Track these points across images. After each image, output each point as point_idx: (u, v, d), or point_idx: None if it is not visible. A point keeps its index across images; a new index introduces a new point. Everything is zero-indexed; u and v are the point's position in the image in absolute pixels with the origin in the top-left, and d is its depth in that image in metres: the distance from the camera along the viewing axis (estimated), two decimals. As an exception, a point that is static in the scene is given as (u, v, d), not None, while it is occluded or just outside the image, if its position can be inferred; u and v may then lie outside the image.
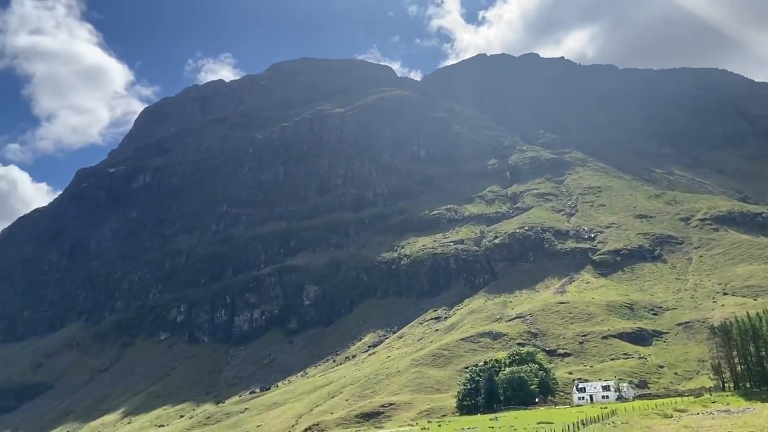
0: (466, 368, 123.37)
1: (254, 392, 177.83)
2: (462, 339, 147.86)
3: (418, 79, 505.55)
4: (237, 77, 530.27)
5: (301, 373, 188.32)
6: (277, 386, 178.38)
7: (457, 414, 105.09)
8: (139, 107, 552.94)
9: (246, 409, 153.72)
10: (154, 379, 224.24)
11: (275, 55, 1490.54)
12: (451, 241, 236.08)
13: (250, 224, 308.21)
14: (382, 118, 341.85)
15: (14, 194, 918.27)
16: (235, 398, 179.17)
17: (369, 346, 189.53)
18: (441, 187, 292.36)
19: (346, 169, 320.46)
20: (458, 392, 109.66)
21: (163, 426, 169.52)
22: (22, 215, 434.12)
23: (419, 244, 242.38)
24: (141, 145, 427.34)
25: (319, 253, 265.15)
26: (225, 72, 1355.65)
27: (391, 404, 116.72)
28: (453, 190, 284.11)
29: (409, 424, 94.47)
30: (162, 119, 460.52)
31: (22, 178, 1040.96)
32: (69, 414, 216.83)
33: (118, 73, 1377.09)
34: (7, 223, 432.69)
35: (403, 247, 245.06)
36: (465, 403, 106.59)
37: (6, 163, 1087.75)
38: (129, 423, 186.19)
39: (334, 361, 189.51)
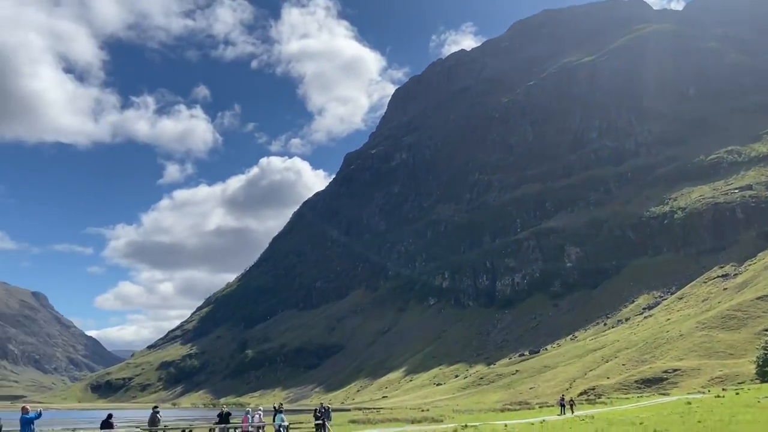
0: (766, 330, 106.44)
1: (523, 355, 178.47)
2: (758, 298, 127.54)
3: (680, 9, 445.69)
4: (479, 44, 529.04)
5: (570, 336, 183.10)
6: (546, 349, 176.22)
7: (758, 381, 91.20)
8: (391, 89, 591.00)
9: (517, 371, 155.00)
10: (428, 340, 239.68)
11: (515, 14, 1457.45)
12: (736, 188, 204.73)
13: (504, 189, 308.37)
14: (639, 60, 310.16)
15: (300, 181, 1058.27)
16: (505, 360, 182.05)
17: (643, 309, 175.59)
18: (718, 128, 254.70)
19: (600, 121, 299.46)
20: (757, 357, 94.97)
21: (441, 384, 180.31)
22: (306, 199, 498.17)
23: (696, 195, 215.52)
24: (395, 125, 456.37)
25: (578, 213, 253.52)
26: (467, 41, 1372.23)
27: (675, 370, 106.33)
28: (733, 130, 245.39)
29: (699, 391, 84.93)
30: (411, 98, 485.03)
31: (304, 167, 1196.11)
32: (360, 371, 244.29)
33: (372, 61, 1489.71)
34: (296, 207, 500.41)
35: (675, 200, 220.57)
36: (767, 369, 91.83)
37: (291, 155, 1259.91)
38: (411, 381, 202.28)
39: (604, 324, 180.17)
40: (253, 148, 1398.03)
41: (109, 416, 25.88)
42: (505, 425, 40.56)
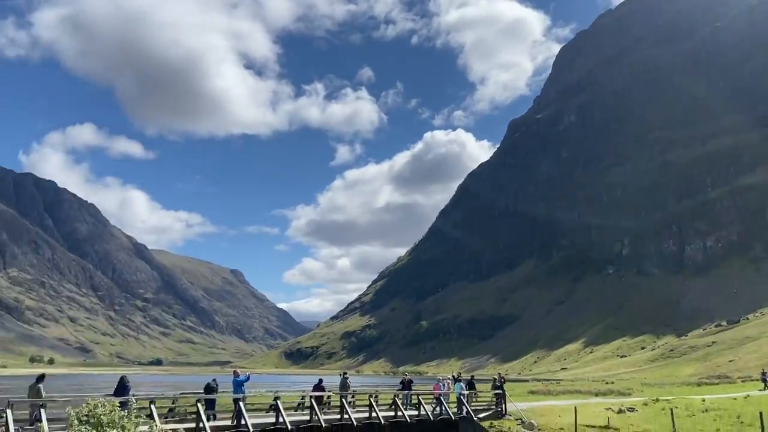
0: None
1: (720, 325, 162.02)
2: None
3: None
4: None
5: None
6: (747, 319, 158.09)
7: None
8: (556, 49, 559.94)
9: (713, 342, 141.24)
10: (608, 311, 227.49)
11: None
12: None
13: (689, 145, 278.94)
14: None
15: (464, 153, 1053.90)
16: (698, 331, 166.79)
17: None
18: None
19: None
20: None
21: (625, 356, 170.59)
22: (471, 171, 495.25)
23: None
24: (561, 86, 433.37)
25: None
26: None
27: None
28: None
29: None
30: (578, 55, 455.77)
31: (467, 138, 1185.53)
32: (536, 342, 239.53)
33: (535, 21, 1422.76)
34: (461, 179, 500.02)
35: None
36: None
37: (454, 128, 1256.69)
38: (591, 353, 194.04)
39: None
40: (417, 124, 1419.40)
41: (320, 381, 28.31)
42: (703, 400, 37.03)
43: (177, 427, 10.83)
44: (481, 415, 30.63)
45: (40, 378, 20.07)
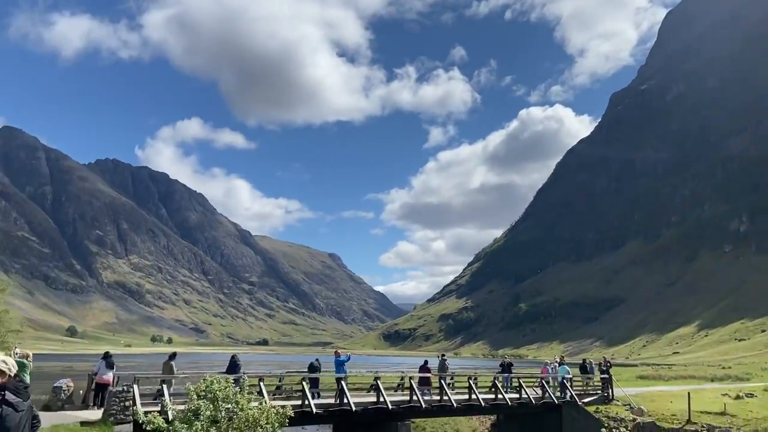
0: None
1: None
2: None
3: None
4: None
5: None
6: None
7: None
8: (662, 14, 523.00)
9: None
10: (724, 292, 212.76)
11: None
12: None
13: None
14: None
15: (562, 130, 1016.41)
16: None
17: None
18: None
19: None
20: None
21: (743, 340, 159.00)
22: (570, 147, 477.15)
23: None
24: (668, 53, 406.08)
25: None
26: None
27: None
28: None
29: None
30: (688, 19, 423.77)
31: (566, 114, 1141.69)
32: (645, 325, 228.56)
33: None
34: (559, 157, 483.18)
35: None
36: None
37: (552, 104, 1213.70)
38: (705, 336, 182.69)
39: None
40: (512, 102, 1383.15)
41: (425, 362, 28.73)
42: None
43: (284, 404, 11.36)
44: (586, 400, 29.71)
45: (173, 356, 22.05)
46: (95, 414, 17.21)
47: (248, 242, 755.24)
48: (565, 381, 29.98)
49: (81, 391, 20.13)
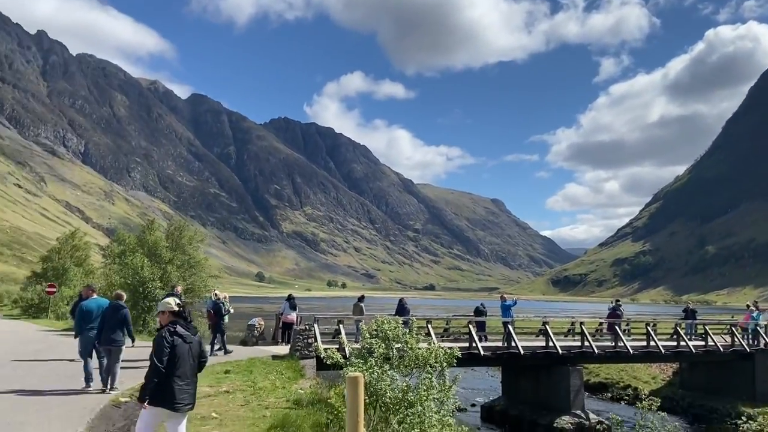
0: None
1: None
2: None
3: None
4: None
5: None
6: None
7: None
8: None
9: None
10: None
11: None
12: None
13: None
14: None
15: (758, 50, 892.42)
16: None
17: None
18: None
19: None
20: None
21: None
22: (766, 69, 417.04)
23: None
24: None
25: None
26: None
27: None
28: None
29: None
30: None
31: (762, 31, 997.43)
32: None
33: None
34: (753, 81, 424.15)
35: None
36: None
37: (744, 21, 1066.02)
38: None
39: None
40: (696, 22, 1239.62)
41: (614, 307, 27.79)
42: None
43: (452, 345, 11.71)
44: (784, 349, 26.76)
45: (361, 298, 24.10)
46: (283, 349, 19.19)
47: (411, 191, 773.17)
48: (758, 328, 27.27)
49: (270, 329, 22.53)
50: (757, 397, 24.53)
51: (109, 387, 11.04)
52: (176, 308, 6.07)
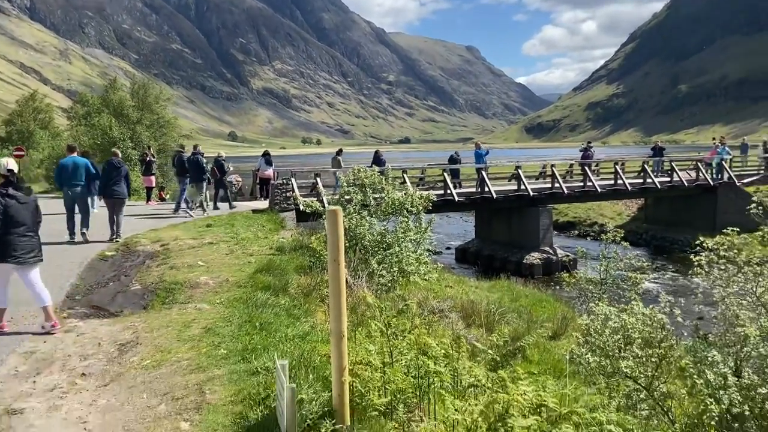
0: None
1: None
2: None
3: None
4: None
5: None
6: None
7: None
8: None
9: None
10: None
11: None
12: None
13: None
14: None
15: None
16: None
17: None
18: None
19: None
20: None
21: None
22: None
23: None
24: None
25: None
26: None
27: None
28: None
29: None
30: None
31: None
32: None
33: None
34: None
35: None
36: None
37: None
38: None
39: None
40: None
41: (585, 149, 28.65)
42: None
43: (428, 193, 12.03)
44: (745, 181, 28.02)
45: (339, 152, 24.37)
46: (263, 204, 19.61)
47: (383, 41, 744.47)
48: (723, 163, 28.28)
49: (246, 187, 22.82)
50: (717, 228, 25.83)
51: (115, 236, 11.88)
52: (5, 172, 6.16)
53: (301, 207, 16.22)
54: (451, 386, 4.26)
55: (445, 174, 22.90)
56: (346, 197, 11.19)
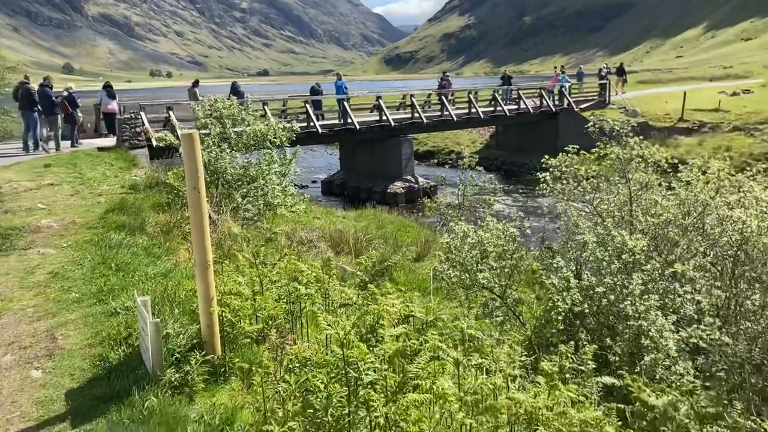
0: None
1: None
2: None
3: None
4: None
5: None
6: None
7: None
8: None
9: None
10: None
11: None
12: None
13: None
14: None
15: None
16: None
17: None
18: None
19: None
20: None
21: (750, 39, 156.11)
22: None
23: None
24: None
25: None
26: None
27: None
28: None
29: None
30: None
31: None
32: (651, 30, 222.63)
33: None
34: None
35: None
36: None
37: None
38: (712, 38, 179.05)
39: None
40: None
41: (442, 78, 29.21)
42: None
43: (291, 124, 11.76)
44: (582, 106, 30.54)
45: (196, 83, 23.35)
46: (110, 141, 18.03)
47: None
48: (563, 90, 30.49)
49: (89, 124, 20.77)
50: (558, 150, 28.07)
51: None
52: None
53: (154, 142, 15.24)
54: (324, 308, 4.33)
55: (308, 105, 22.54)
56: (204, 131, 10.66)
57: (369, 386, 2.88)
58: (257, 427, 3.14)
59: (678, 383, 5.27)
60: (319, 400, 2.89)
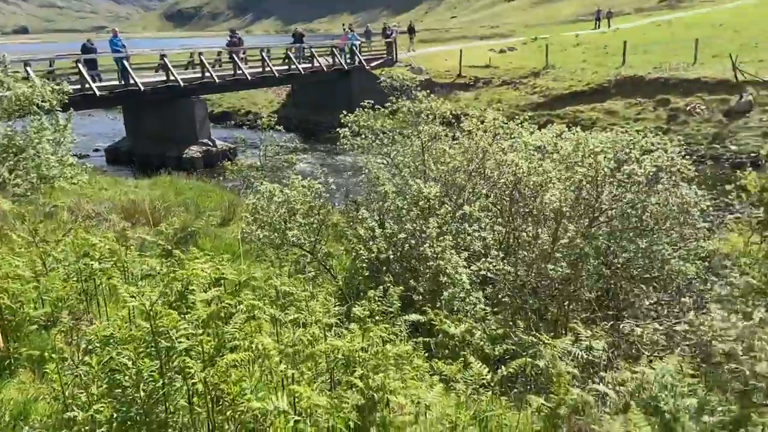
0: None
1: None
2: None
3: None
4: None
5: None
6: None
7: None
8: None
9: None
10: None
11: None
12: None
13: None
14: None
15: None
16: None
17: None
18: None
19: None
20: None
21: (513, 0, 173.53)
22: None
23: None
24: None
25: None
26: None
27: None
28: None
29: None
30: None
31: None
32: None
33: None
34: None
35: None
36: None
37: None
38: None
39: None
40: None
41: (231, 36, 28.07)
42: (577, 35, 39.80)
43: (61, 85, 10.36)
44: (373, 64, 31.60)
45: None
46: None
47: None
48: (354, 48, 31.21)
49: None
50: (353, 107, 28.84)
51: None
52: None
53: None
54: (124, 282, 4.00)
55: (80, 65, 20.13)
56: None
57: (184, 354, 2.78)
58: (57, 416, 2.94)
59: (472, 312, 5.92)
60: (127, 378, 2.74)
